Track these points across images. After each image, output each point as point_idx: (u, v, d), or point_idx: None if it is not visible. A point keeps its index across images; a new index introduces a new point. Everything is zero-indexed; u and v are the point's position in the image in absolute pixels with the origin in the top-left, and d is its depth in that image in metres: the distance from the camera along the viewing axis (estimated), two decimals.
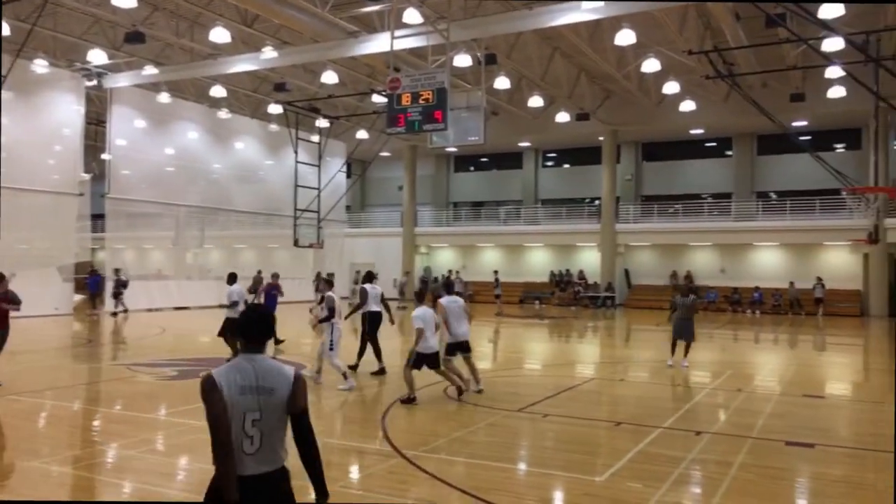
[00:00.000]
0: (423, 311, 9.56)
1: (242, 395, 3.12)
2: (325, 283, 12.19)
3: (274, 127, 33.12)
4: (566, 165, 39.28)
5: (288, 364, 3.37)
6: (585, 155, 36.61)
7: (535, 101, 28.41)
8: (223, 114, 31.25)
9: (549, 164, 39.62)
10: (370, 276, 12.71)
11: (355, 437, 8.08)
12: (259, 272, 20.38)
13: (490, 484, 6.14)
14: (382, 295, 12.36)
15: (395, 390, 10.21)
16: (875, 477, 6.72)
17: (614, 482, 6.29)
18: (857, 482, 6.45)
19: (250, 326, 3.30)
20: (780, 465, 6.94)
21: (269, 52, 22.98)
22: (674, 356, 13.30)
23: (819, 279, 29.19)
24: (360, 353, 12.15)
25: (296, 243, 31.10)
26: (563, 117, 30.51)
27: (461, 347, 10.02)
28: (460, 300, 10.41)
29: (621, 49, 23.62)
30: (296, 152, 31.60)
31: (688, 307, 13.09)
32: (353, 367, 11.80)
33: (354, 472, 6.74)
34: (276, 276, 16.40)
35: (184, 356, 14.23)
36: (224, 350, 12.50)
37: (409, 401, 9.42)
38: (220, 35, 20.32)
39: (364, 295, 12.10)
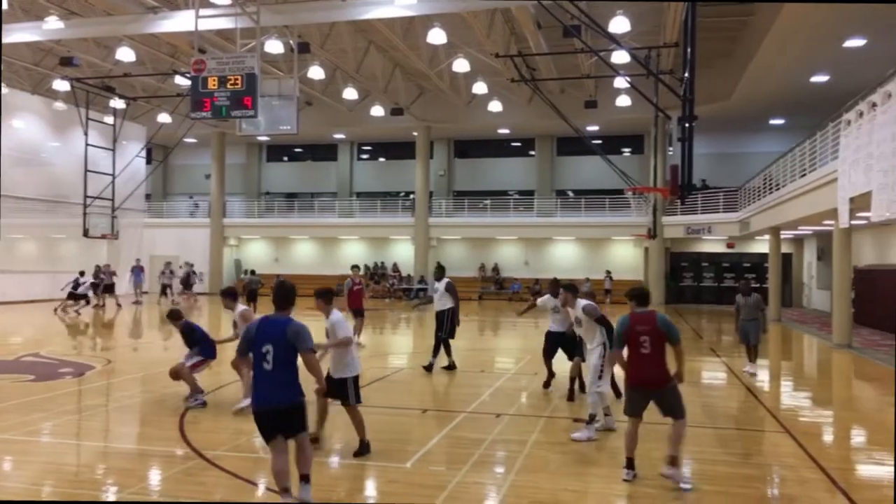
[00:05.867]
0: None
1: None
2: (567, 288, 8.39)
3: (60, 105, 29.93)
4: (381, 159, 39.61)
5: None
6: (400, 149, 37.20)
7: (350, 94, 28.32)
8: None
9: (365, 157, 39.73)
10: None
11: (152, 440, 7.57)
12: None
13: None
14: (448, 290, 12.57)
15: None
16: (648, 447, 7.52)
17: (420, 467, 6.48)
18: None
19: None
20: (567, 440, 7.55)
21: (53, 23, 20.72)
22: (751, 362, 12.43)
23: (608, 272, 32.10)
24: (446, 351, 12.41)
25: (86, 234, 28.43)
26: (377, 111, 30.75)
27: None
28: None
29: (433, 47, 24.26)
30: (86, 134, 28.86)
31: (751, 307, 12.06)
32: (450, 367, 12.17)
33: (150, 477, 6.32)
34: None
35: None
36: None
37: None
38: None
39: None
